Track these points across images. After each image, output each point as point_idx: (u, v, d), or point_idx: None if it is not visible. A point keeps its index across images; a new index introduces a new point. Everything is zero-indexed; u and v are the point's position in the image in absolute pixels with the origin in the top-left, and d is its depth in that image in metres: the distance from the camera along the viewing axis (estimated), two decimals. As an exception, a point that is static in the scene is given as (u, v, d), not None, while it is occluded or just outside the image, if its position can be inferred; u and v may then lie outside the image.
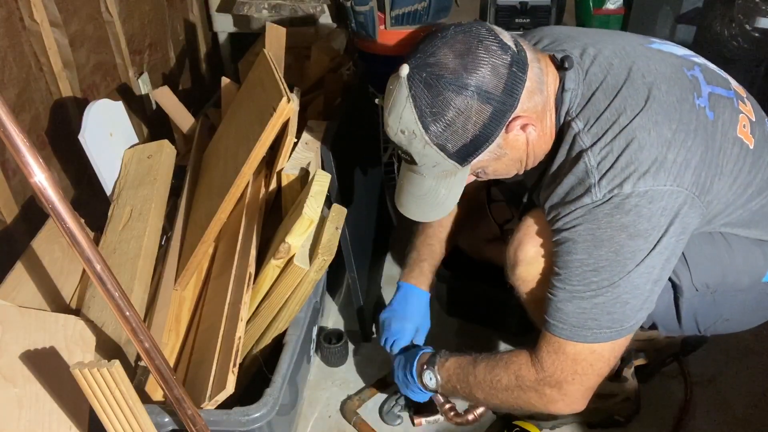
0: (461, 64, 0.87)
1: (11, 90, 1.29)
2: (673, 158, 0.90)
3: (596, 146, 0.92)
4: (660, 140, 0.90)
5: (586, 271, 0.93)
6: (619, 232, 0.89)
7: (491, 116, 0.89)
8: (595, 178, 0.90)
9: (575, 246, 0.93)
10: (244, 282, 1.10)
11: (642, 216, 0.89)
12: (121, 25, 1.67)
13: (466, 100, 0.87)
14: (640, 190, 0.88)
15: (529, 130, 0.93)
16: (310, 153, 1.30)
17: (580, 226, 0.92)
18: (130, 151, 1.46)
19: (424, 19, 1.68)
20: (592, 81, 0.96)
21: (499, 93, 0.88)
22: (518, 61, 0.89)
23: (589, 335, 0.95)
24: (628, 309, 0.94)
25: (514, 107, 0.90)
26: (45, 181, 0.67)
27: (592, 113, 0.94)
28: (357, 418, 1.31)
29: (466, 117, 0.88)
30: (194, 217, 1.34)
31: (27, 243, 1.20)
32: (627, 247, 0.90)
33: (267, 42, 1.49)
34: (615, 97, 0.93)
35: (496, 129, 0.91)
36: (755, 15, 1.85)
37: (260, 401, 1.01)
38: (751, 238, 1.05)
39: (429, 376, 1.14)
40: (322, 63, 1.62)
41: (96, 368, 0.80)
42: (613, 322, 0.94)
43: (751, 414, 1.32)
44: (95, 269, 0.73)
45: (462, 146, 0.91)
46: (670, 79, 0.96)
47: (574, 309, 0.94)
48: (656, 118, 0.91)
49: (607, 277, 0.92)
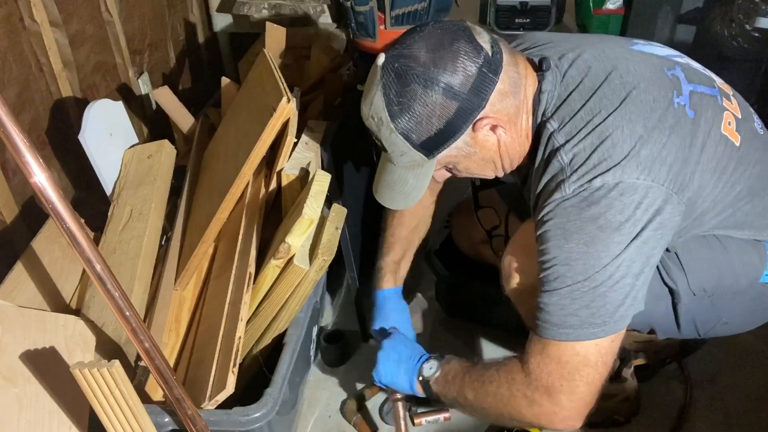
0: (431, 58, 0.89)
1: (11, 90, 1.29)
2: (646, 154, 0.89)
3: (569, 144, 0.92)
4: (633, 137, 0.90)
5: (559, 266, 0.91)
6: (588, 223, 0.89)
7: (456, 113, 0.91)
8: (566, 174, 0.91)
9: (548, 242, 0.92)
10: (244, 282, 1.10)
11: (612, 208, 0.88)
12: (121, 25, 1.67)
13: (432, 95, 0.89)
14: (609, 182, 0.88)
15: (500, 132, 0.95)
16: (310, 153, 1.30)
17: (550, 221, 0.92)
18: (130, 151, 1.46)
19: (424, 19, 1.68)
20: (569, 83, 0.97)
21: (466, 91, 0.89)
22: (490, 63, 0.90)
23: (571, 333, 0.92)
24: (608, 304, 0.90)
25: (482, 107, 0.91)
26: (45, 181, 0.67)
27: (567, 113, 0.95)
28: (357, 418, 1.31)
29: (430, 110, 0.90)
30: (194, 217, 1.34)
31: (27, 243, 1.20)
32: (598, 239, 0.89)
33: (267, 42, 1.49)
34: (591, 97, 0.94)
35: (462, 126, 0.92)
36: (755, 15, 1.85)
37: (260, 401, 1.01)
38: (745, 239, 1.04)
39: (431, 366, 1.09)
40: (322, 63, 1.62)
41: (96, 368, 0.80)
42: (593, 317, 0.91)
43: (751, 414, 1.32)
44: (95, 269, 0.73)
45: (427, 138, 0.93)
46: (648, 79, 0.96)
47: (554, 307, 0.92)
48: (630, 116, 0.91)
49: (580, 270, 0.90)
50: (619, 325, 0.92)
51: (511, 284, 1.08)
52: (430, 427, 1.31)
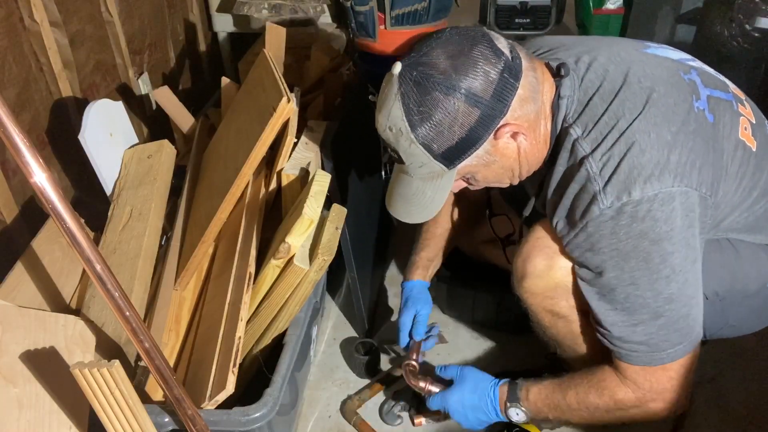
0: (452, 65, 0.87)
1: (11, 90, 1.29)
2: (676, 159, 0.89)
3: (597, 152, 0.91)
4: (660, 142, 0.89)
5: (626, 287, 0.92)
6: (640, 240, 0.88)
7: (479, 120, 0.89)
8: (600, 185, 0.89)
9: (604, 266, 0.92)
10: (244, 282, 1.10)
11: (658, 220, 0.88)
12: (121, 25, 1.67)
13: (454, 102, 0.87)
14: (649, 194, 0.87)
15: (520, 139, 0.93)
16: (310, 153, 1.30)
17: (599, 242, 0.90)
18: (130, 151, 1.46)
19: (424, 19, 1.68)
20: (589, 87, 0.95)
21: (488, 98, 0.88)
22: (511, 68, 0.89)
23: (666, 357, 0.95)
24: (690, 320, 0.94)
25: (504, 113, 0.90)
26: (45, 181, 0.67)
27: (590, 118, 0.93)
28: (357, 418, 1.31)
29: (452, 118, 0.88)
30: (194, 217, 1.34)
31: (27, 243, 1.20)
32: (655, 254, 0.89)
33: (267, 42, 1.49)
34: (612, 101, 0.93)
35: (484, 134, 0.90)
36: (755, 15, 1.85)
37: (260, 401, 1.01)
38: (756, 243, 1.04)
39: (516, 412, 1.09)
40: (322, 63, 1.62)
41: (96, 368, 0.80)
42: (683, 338, 0.94)
43: (751, 414, 1.32)
44: (95, 269, 0.73)
45: (448, 148, 0.91)
46: (667, 83, 0.95)
47: (642, 335, 0.94)
48: (655, 121, 0.90)
49: (648, 287, 0.91)
50: (700, 332, 0.96)
51: (524, 285, 1.06)
52: (430, 427, 1.31)
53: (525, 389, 1.09)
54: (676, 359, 0.96)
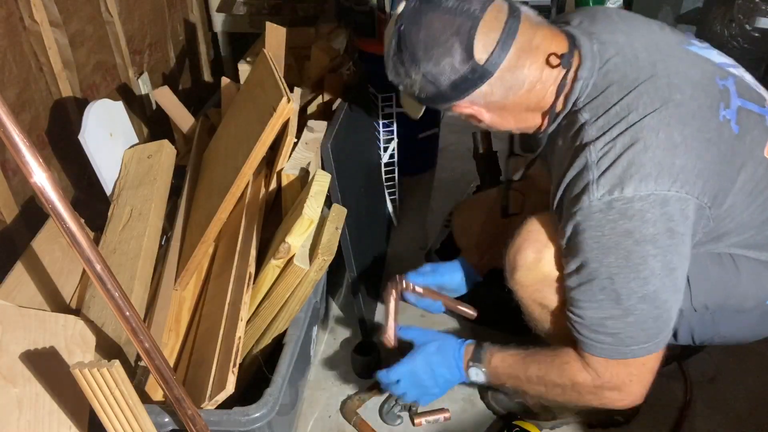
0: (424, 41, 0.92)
1: (11, 90, 1.29)
2: (681, 164, 0.86)
3: (599, 140, 0.89)
4: (668, 143, 0.87)
5: (603, 280, 0.91)
6: (624, 238, 0.87)
7: (434, 94, 0.95)
8: (594, 175, 0.88)
9: (585, 256, 0.91)
10: (244, 282, 1.11)
11: (647, 221, 0.86)
12: (121, 25, 1.67)
13: (413, 74, 0.94)
14: (642, 193, 0.86)
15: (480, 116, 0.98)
16: (310, 153, 1.30)
17: (584, 232, 0.90)
18: (130, 151, 1.46)
19: (424, 19, 1.67)
20: (610, 71, 0.93)
21: (445, 85, 0.93)
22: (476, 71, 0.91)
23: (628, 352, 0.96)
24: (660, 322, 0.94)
25: (460, 98, 0.95)
26: (45, 181, 0.67)
27: (600, 105, 0.92)
28: (357, 418, 1.31)
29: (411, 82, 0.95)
30: (194, 217, 1.34)
31: (27, 243, 1.20)
32: (636, 254, 0.88)
33: (267, 42, 1.49)
34: (630, 92, 0.90)
35: (438, 104, 0.98)
36: (755, 15, 1.85)
37: (260, 401, 1.01)
38: (761, 260, 1.02)
39: (476, 372, 1.10)
40: (322, 63, 1.62)
41: (96, 368, 0.80)
42: (649, 338, 0.94)
43: (751, 414, 1.32)
44: (95, 269, 0.73)
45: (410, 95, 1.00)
46: (697, 85, 0.92)
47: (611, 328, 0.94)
48: (669, 121, 0.88)
49: (624, 284, 0.90)
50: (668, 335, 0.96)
51: (515, 277, 1.07)
52: (430, 428, 1.31)
53: (489, 353, 1.10)
54: (638, 356, 0.95)
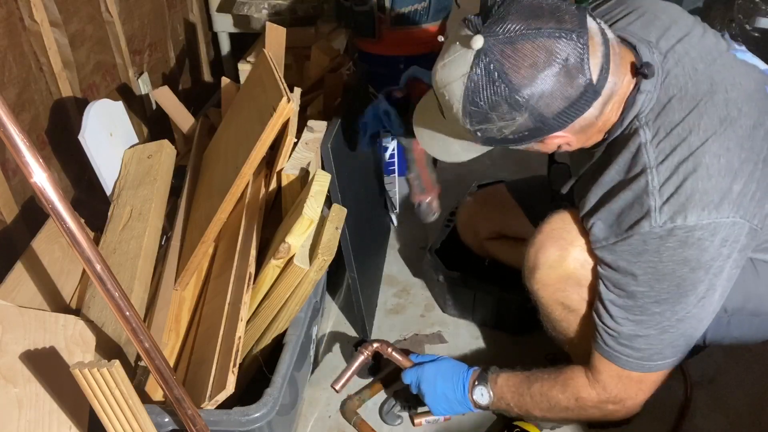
0: (528, 75, 0.79)
1: (11, 90, 1.29)
2: (738, 189, 0.86)
3: (662, 166, 0.86)
4: (728, 169, 0.85)
5: (648, 303, 0.91)
6: (681, 266, 0.87)
7: (531, 131, 0.85)
8: (657, 202, 0.86)
9: (634, 279, 0.90)
10: (244, 282, 1.11)
11: (705, 250, 0.86)
12: (121, 25, 1.67)
13: (514, 114, 0.82)
14: (704, 222, 0.84)
15: (565, 147, 0.91)
16: (310, 153, 1.30)
17: (639, 256, 0.88)
18: (130, 151, 1.46)
19: (424, 19, 1.68)
20: (672, 85, 0.89)
21: (549, 117, 0.83)
22: (586, 93, 0.82)
23: (654, 367, 0.96)
24: (691, 340, 0.95)
25: (560, 129, 0.86)
26: (45, 181, 0.67)
27: (663, 124, 0.88)
28: (357, 418, 1.31)
29: (506, 123, 0.84)
30: (194, 217, 1.34)
31: (27, 243, 1.20)
32: (689, 280, 0.88)
33: (267, 42, 1.49)
34: (692, 110, 0.87)
35: (531, 140, 0.87)
36: (755, 15, 1.85)
37: (260, 401, 1.01)
38: None
39: (481, 392, 1.11)
40: (322, 63, 1.62)
41: (96, 368, 0.80)
42: (676, 353, 0.95)
43: (751, 414, 1.32)
44: (95, 269, 0.73)
45: (489, 138, 0.88)
46: (750, 98, 0.90)
47: (643, 345, 0.94)
48: (728, 144, 0.86)
49: (669, 308, 0.90)
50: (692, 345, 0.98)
51: (536, 275, 1.05)
52: (430, 428, 1.31)
53: (495, 374, 1.12)
54: (659, 371, 0.97)
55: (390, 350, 1.24)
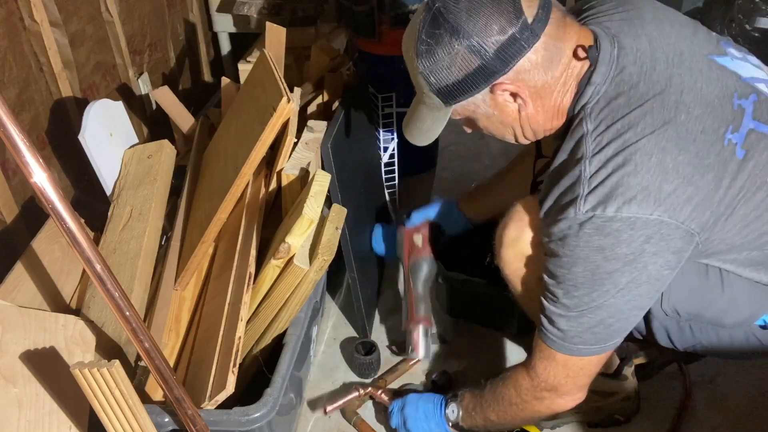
0: (468, 8, 0.87)
1: (11, 90, 1.29)
2: (669, 190, 0.86)
3: (596, 157, 0.88)
4: (658, 168, 0.86)
5: (568, 285, 0.93)
6: (594, 253, 0.88)
7: (476, 70, 0.90)
8: (584, 191, 0.88)
9: (559, 260, 0.93)
10: (244, 282, 1.11)
11: (621, 241, 0.87)
12: (121, 25, 1.67)
13: (456, 46, 0.88)
14: (623, 215, 0.86)
15: (519, 101, 0.94)
16: (310, 153, 1.30)
17: (563, 240, 0.91)
18: (130, 151, 1.46)
19: (424, 19, 1.67)
20: (624, 82, 0.91)
21: (491, 53, 0.88)
22: (526, 30, 0.87)
23: (574, 349, 0.98)
24: (611, 330, 0.96)
25: (503, 72, 0.90)
26: (45, 181, 0.67)
27: (605, 117, 0.90)
28: (357, 418, 1.31)
29: (451, 60, 0.90)
30: (194, 217, 1.34)
31: (27, 243, 1.20)
32: (602, 268, 0.89)
33: (267, 42, 1.49)
34: (637, 108, 0.89)
35: (479, 84, 0.91)
36: (755, 15, 1.86)
37: (260, 401, 1.01)
38: (753, 280, 1.00)
39: (452, 409, 1.18)
40: (322, 63, 1.62)
41: (96, 368, 0.80)
42: (597, 341, 0.97)
43: (751, 414, 1.32)
44: (95, 269, 0.73)
45: (445, 86, 0.93)
46: (708, 105, 0.90)
47: (563, 325, 0.97)
48: (665, 145, 0.86)
49: (585, 293, 0.92)
50: (619, 342, 0.99)
51: (500, 253, 1.09)
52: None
53: (464, 392, 1.18)
54: (583, 356, 0.99)
55: (380, 393, 1.32)
